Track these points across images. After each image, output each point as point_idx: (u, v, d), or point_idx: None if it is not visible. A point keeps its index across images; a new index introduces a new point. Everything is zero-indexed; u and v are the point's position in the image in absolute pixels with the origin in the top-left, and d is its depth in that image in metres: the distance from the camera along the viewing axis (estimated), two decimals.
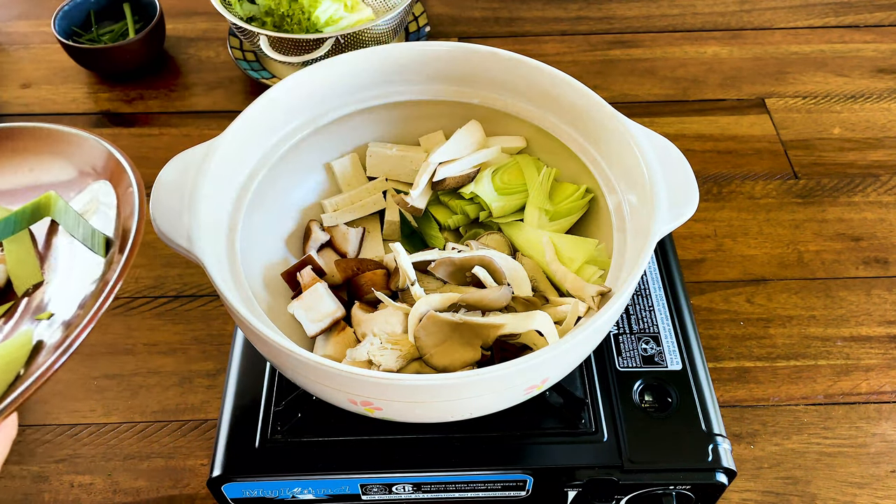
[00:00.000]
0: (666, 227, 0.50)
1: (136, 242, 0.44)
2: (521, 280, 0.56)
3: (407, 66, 0.62)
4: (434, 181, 0.61)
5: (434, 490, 0.55)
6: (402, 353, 0.52)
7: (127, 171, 0.48)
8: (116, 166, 0.49)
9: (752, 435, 0.66)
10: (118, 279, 0.42)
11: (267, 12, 0.89)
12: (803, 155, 0.88)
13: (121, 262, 0.44)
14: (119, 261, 0.44)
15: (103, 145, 0.50)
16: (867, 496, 0.63)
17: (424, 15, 1.01)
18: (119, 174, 0.49)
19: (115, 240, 0.47)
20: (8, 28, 1.06)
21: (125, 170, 0.48)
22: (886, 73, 0.97)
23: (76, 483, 0.64)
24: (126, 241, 0.45)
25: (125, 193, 0.48)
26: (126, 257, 0.44)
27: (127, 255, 0.44)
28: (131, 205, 0.47)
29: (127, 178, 0.48)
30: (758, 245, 0.80)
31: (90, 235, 0.48)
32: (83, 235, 0.48)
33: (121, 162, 0.48)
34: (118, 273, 0.43)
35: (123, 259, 0.44)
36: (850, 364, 0.70)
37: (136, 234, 0.45)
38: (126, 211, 0.47)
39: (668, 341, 0.60)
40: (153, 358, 0.72)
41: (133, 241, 0.44)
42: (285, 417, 0.56)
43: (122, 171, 0.48)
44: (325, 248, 0.63)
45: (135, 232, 0.45)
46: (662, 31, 1.03)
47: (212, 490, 0.54)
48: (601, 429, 0.55)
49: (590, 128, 0.58)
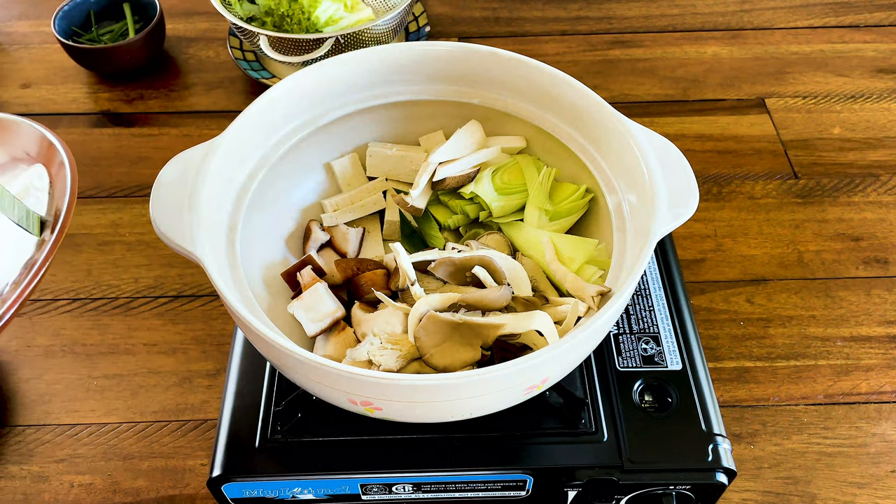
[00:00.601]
0: (666, 227, 0.50)
1: (67, 220, 0.46)
2: (521, 280, 0.56)
3: (407, 66, 0.62)
4: (434, 181, 0.62)
5: (434, 490, 0.55)
6: (402, 353, 0.52)
7: (60, 152, 0.49)
8: (50, 149, 0.50)
9: (752, 435, 0.66)
10: (48, 256, 0.44)
11: (267, 12, 0.89)
12: (803, 155, 0.88)
13: (51, 240, 0.45)
14: (49, 240, 0.45)
15: (38, 129, 0.51)
16: (867, 496, 0.63)
17: (424, 15, 1.01)
18: (52, 156, 0.50)
19: (48, 220, 0.48)
20: (8, 28, 1.06)
21: (58, 151, 0.49)
22: (886, 73, 0.97)
23: (76, 483, 0.64)
24: (57, 220, 0.46)
25: (58, 174, 0.49)
26: (56, 235, 0.45)
27: (57, 234, 0.45)
28: (64, 184, 0.48)
29: (59, 158, 0.49)
30: (758, 245, 0.80)
31: (25, 216, 0.49)
32: (18, 216, 0.49)
33: (54, 144, 0.50)
34: (48, 250, 0.44)
35: (53, 237, 0.45)
36: (850, 364, 0.70)
37: (67, 212, 0.46)
38: (59, 191, 0.48)
39: (668, 341, 0.60)
40: (153, 358, 0.72)
41: (63, 219, 0.46)
42: (285, 417, 0.56)
43: (54, 153, 0.50)
44: (325, 248, 0.63)
45: (65, 211, 0.46)
46: (662, 31, 1.03)
47: (212, 490, 0.54)
48: (601, 429, 0.55)
49: (590, 128, 0.58)
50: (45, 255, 0.44)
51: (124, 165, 0.88)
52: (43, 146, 0.51)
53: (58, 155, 0.50)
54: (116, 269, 0.78)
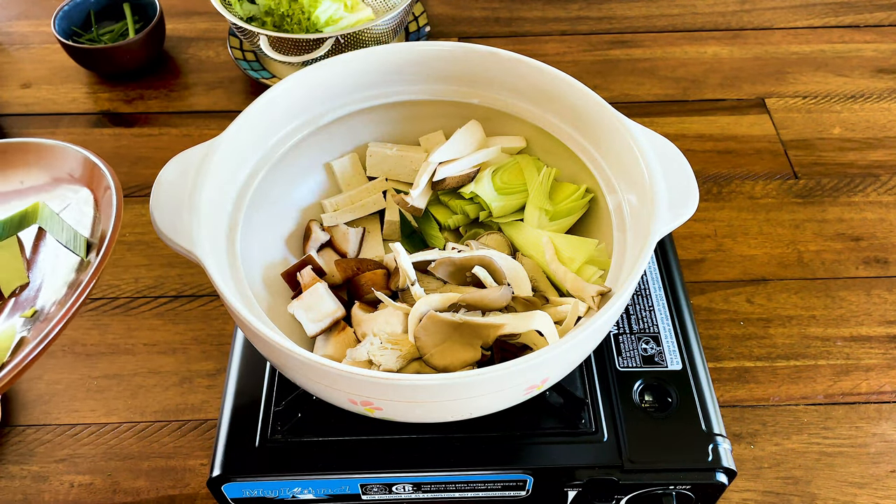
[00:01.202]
0: (666, 227, 0.50)
1: (112, 242, 0.47)
2: (521, 280, 0.56)
3: (407, 66, 0.62)
4: (434, 181, 0.61)
5: (434, 490, 0.55)
6: (402, 353, 0.52)
7: (106, 176, 0.51)
8: (97, 173, 0.52)
9: (752, 435, 0.66)
10: (92, 277, 0.45)
11: (267, 12, 0.89)
12: (803, 155, 0.88)
13: (95, 262, 0.46)
14: (94, 261, 0.47)
15: (82, 153, 0.53)
16: (867, 496, 0.63)
17: (424, 15, 1.01)
18: (98, 180, 0.52)
19: (94, 242, 0.50)
20: (8, 28, 1.06)
21: (104, 175, 0.51)
22: (886, 73, 0.97)
23: (76, 483, 0.64)
24: (103, 242, 0.48)
25: (104, 197, 0.50)
26: (101, 257, 0.46)
27: (101, 255, 0.46)
28: (110, 207, 0.49)
29: (105, 182, 0.50)
30: (758, 245, 0.80)
31: (73, 238, 0.51)
32: (66, 239, 0.52)
33: (101, 169, 0.52)
34: (92, 272, 0.46)
35: (98, 259, 0.46)
36: (850, 364, 0.70)
37: (112, 234, 0.48)
38: (105, 214, 0.50)
39: (668, 341, 0.60)
40: (153, 358, 0.72)
41: (108, 241, 0.47)
42: (285, 417, 0.56)
43: (101, 177, 0.51)
44: (325, 248, 0.63)
45: (111, 232, 0.48)
46: (662, 31, 1.03)
47: (212, 490, 0.54)
48: (601, 429, 0.55)
49: (590, 128, 0.58)
50: (89, 277, 0.45)
51: (124, 165, 0.88)
52: (87, 168, 0.53)
53: (104, 179, 0.51)
54: (116, 269, 0.78)
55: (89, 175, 0.53)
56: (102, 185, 0.51)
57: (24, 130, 0.92)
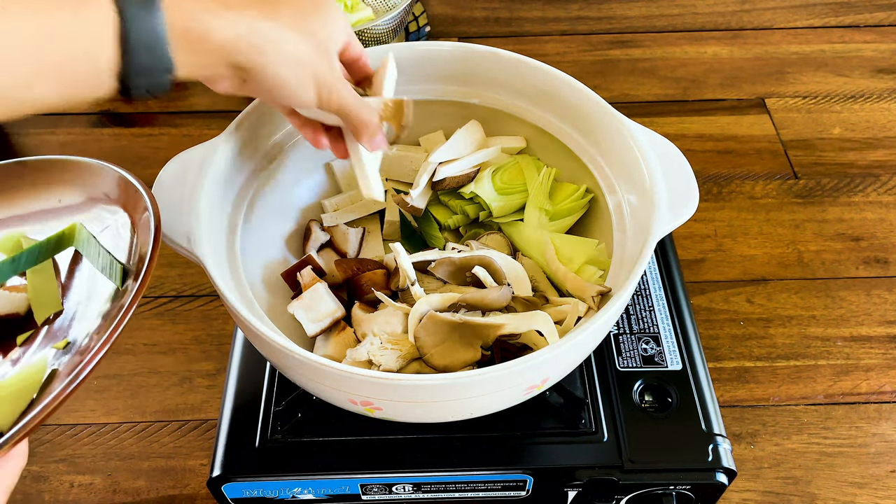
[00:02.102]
0: (666, 227, 0.50)
1: (150, 270, 0.45)
2: (521, 280, 0.56)
3: (407, 66, 0.62)
4: (434, 181, 0.61)
5: (434, 490, 0.55)
6: (402, 353, 0.52)
7: (144, 198, 0.49)
8: (135, 195, 0.50)
9: (752, 435, 0.66)
10: (128, 308, 0.43)
11: None
12: (803, 155, 0.88)
13: (132, 291, 0.44)
14: (131, 290, 0.44)
15: (122, 174, 0.51)
16: (867, 496, 0.63)
17: (424, 15, 1.01)
18: (136, 202, 0.49)
19: (130, 268, 0.48)
20: None
21: (142, 198, 0.49)
22: (886, 73, 0.97)
23: (76, 483, 0.64)
24: (141, 267, 0.45)
25: (141, 221, 0.48)
26: (138, 287, 0.44)
27: (139, 285, 0.44)
28: (148, 232, 0.47)
29: (143, 205, 0.48)
30: (758, 245, 0.80)
31: (108, 265, 0.49)
32: (102, 265, 0.49)
33: (139, 191, 0.49)
34: (129, 302, 0.43)
35: (135, 288, 0.44)
36: (850, 364, 0.70)
37: (150, 262, 0.45)
38: (143, 238, 0.48)
39: (668, 341, 0.60)
40: (153, 358, 0.72)
41: (146, 269, 0.45)
42: (285, 417, 0.56)
43: (139, 199, 0.49)
44: (325, 248, 0.63)
45: (148, 260, 0.45)
46: (662, 31, 1.03)
47: (212, 490, 0.54)
48: (601, 429, 0.55)
49: (590, 128, 0.58)
50: (125, 308, 0.43)
51: (124, 165, 0.88)
52: (122, 189, 0.51)
53: (142, 200, 0.49)
54: None
55: (126, 196, 0.51)
56: (140, 208, 0.49)
57: (23, 130, 0.92)
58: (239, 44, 0.42)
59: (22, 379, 0.44)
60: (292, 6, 0.44)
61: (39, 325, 0.50)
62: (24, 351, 0.49)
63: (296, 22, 0.44)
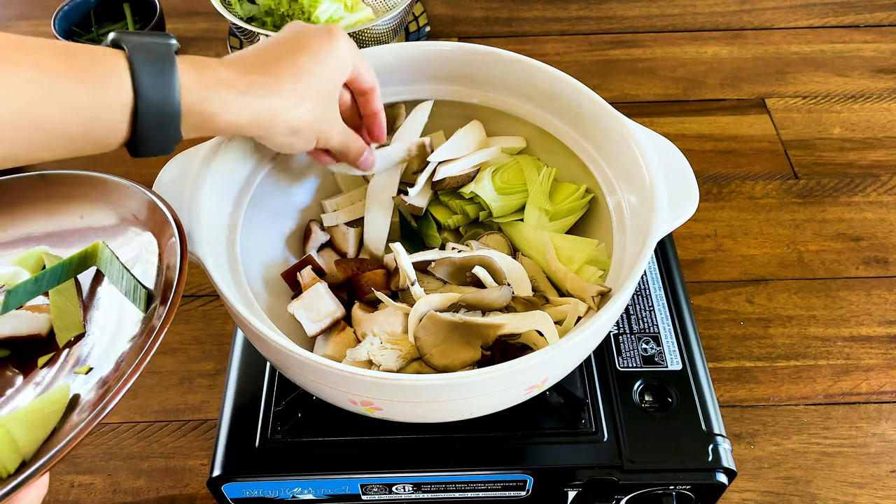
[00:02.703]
0: (666, 227, 0.50)
1: (177, 297, 0.44)
2: (521, 280, 0.56)
3: (407, 66, 0.62)
4: (434, 181, 0.61)
5: (434, 490, 0.55)
6: (402, 353, 0.52)
7: (170, 223, 0.48)
8: (161, 218, 0.49)
9: (752, 435, 0.66)
10: (155, 339, 0.42)
11: (267, 12, 0.89)
12: (803, 155, 0.88)
13: (161, 319, 0.43)
14: (160, 316, 0.43)
15: (149, 196, 0.50)
16: (867, 496, 0.63)
17: (424, 15, 1.01)
18: (163, 226, 0.48)
19: (156, 294, 0.46)
20: (8, 28, 1.06)
21: (169, 222, 0.48)
22: (886, 73, 0.97)
23: (76, 483, 0.64)
24: (168, 293, 0.44)
25: (168, 245, 0.48)
26: (166, 314, 0.43)
27: (166, 313, 0.43)
28: (174, 257, 0.46)
29: (170, 229, 0.48)
30: (758, 245, 0.80)
31: (132, 289, 0.48)
32: (126, 288, 0.48)
33: (165, 214, 0.48)
34: (155, 334, 0.42)
35: (163, 317, 0.43)
36: (850, 364, 0.70)
37: (177, 287, 0.44)
38: (169, 262, 0.46)
39: (668, 341, 0.60)
40: (153, 358, 0.71)
41: (174, 296, 0.44)
42: (285, 417, 0.56)
43: (165, 222, 0.48)
44: (325, 248, 0.63)
45: (175, 287, 0.44)
46: (662, 31, 1.03)
47: (212, 490, 0.54)
48: (601, 429, 0.55)
49: (590, 128, 0.58)
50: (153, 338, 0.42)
51: (124, 165, 0.88)
52: (150, 211, 0.50)
53: (168, 223, 0.48)
54: None
55: (153, 218, 0.50)
56: (166, 231, 0.48)
57: None
58: (244, 125, 0.46)
59: (45, 405, 0.42)
60: (293, 70, 0.47)
61: (61, 348, 0.49)
62: (45, 374, 0.48)
63: (297, 86, 0.47)
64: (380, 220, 0.62)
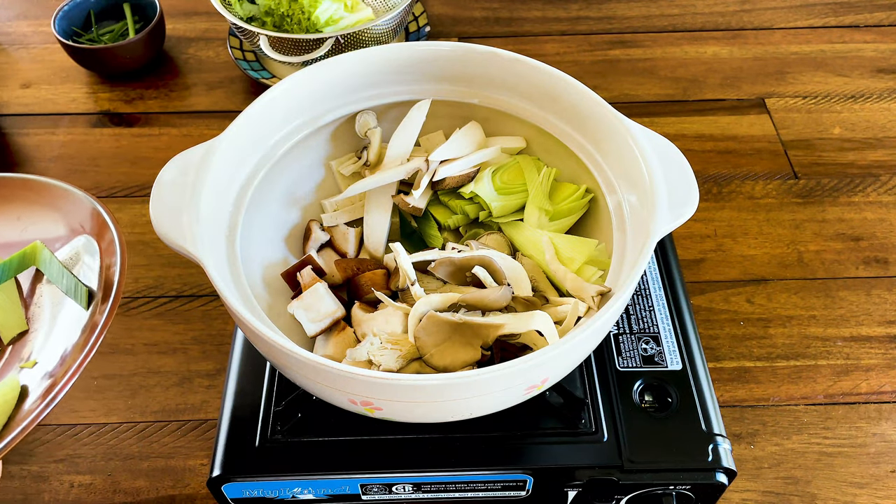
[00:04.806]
0: (666, 227, 0.50)
1: (118, 295, 0.46)
2: (521, 280, 0.56)
3: (407, 66, 0.62)
4: (434, 181, 0.61)
5: (434, 490, 0.55)
6: (402, 353, 0.52)
7: (108, 224, 0.50)
8: (100, 221, 0.51)
9: (752, 435, 0.66)
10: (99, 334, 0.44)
11: (267, 12, 0.89)
12: (803, 155, 0.88)
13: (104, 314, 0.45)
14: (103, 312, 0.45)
15: (88, 200, 0.51)
16: (867, 496, 0.63)
17: (424, 15, 1.01)
18: (101, 228, 0.51)
19: (97, 292, 0.48)
20: (8, 28, 1.06)
21: (107, 223, 0.50)
22: (886, 73, 0.97)
23: (76, 483, 0.64)
24: (109, 291, 0.46)
25: (108, 246, 0.49)
26: (108, 311, 0.45)
27: (109, 309, 0.45)
28: (113, 256, 0.48)
29: (108, 231, 0.49)
30: (758, 245, 0.80)
31: (73, 287, 0.50)
32: (67, 287, 0.50)
33: (102, 216, 0.50)
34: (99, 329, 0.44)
35: (105, 312, 0.45)
36: (850, 364, 0.70)
37: (118, 286, 0.46)
38: (109, 262, 0.48)
39: (668, 341, 0.60)
40: (153, 358, 0.72)
41: (115, 294, 0.46)
42: (285, 417, 0.56)
43: (103, 224, 0.50)
44: (325, 248, 0.63)
45: (116, 285, 0.46)
46: (662, 31, 1.03)
47: (212, 490, 0.54)
48: (601, 429, 0.55)
49: (590, 128, 0.58)
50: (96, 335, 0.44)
51: (124, 165, 0.88)
52: (87, 213, 0.52)
53: (107, 228, 0.50)
54: None
55: (90, 220, 0.52)
56: (105, 231, 0.50)
57: (23, 131, 0.92)
58: None
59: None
60: None
61: (6, 344, 0.51)
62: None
63: None
64: (380, 220, 0.62)
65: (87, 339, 0.44)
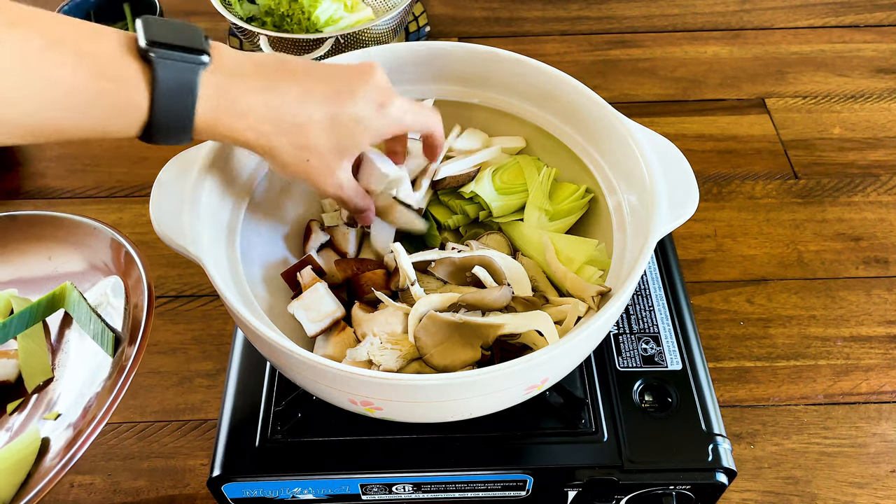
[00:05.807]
0: (666, 227, 0.50)
1: (145, 339, 0.45)
2: (521, 280, 0.56)
3: (407, 66, 0.62)
4: (434, 181, 0.61)
5: (434, 490, 0.55)
6: (402, 353, 0.52)
7: (136, 263, 0.48)
8: (127, 258, 0.49)
9: (752, 435, 0.66)
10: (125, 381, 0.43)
11: (267, 12, 0.89)
12: (803, 155, 0.88)
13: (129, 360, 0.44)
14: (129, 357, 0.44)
15: (116, 237, 0.50)
16: (867, 496, 0.63)
17: (424, 15, 1.01)
18: (128, 266, 0.49)
19: (123, 335, 0.47)
20: None
21: (135, 262, 0.49)
22: (886, 73, 0.97)
23: (76, 483, 0.64)
24: (136, 334, 0.45)
25: (135, 285, 0.48)
26: (134, 356, 0.44)
27: (135, 354, 0.44)
28: (141, 296, 0.47)
29: (136, 270, 0.48)
30: (758, 245, 0.80)
31: (100, 333, 0.48)
32: (94, 332, 0.48)
33: (131, 254, 0.49)
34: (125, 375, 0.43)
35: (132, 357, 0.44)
36: (850, 364, 0.70)
37: (145, 329, 0.45)
38: (136, 302, 0.47)
39: (668, 341, 0.60)
40: (153, 358, 0.72)
41: (142, 338, 0.45)
42: (285, 417, 0.56)
43: (131, 262, 0.49)
44: (325, 248, 0.63)
45: (143, 327, 0.45)
46: (662, 31, 1.03)
47: (212, 490, 0.54)
48: (601, 429, 0.55)
49: (590, 128, 0.58)
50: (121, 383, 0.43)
51: (124, 165, 0.88)
52: (116, 252, 0.51)
53: (135, 266, 0.49)
54: None
55: (119, 259, 0.50)
56: (133, 273, 0.49)
57: None
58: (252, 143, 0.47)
59: (18, 450, 0.43)
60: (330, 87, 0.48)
61: (30, 393, 0.50)
62: (15, 420, 0.48)
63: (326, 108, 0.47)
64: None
65: (112, 386, 0.43)
